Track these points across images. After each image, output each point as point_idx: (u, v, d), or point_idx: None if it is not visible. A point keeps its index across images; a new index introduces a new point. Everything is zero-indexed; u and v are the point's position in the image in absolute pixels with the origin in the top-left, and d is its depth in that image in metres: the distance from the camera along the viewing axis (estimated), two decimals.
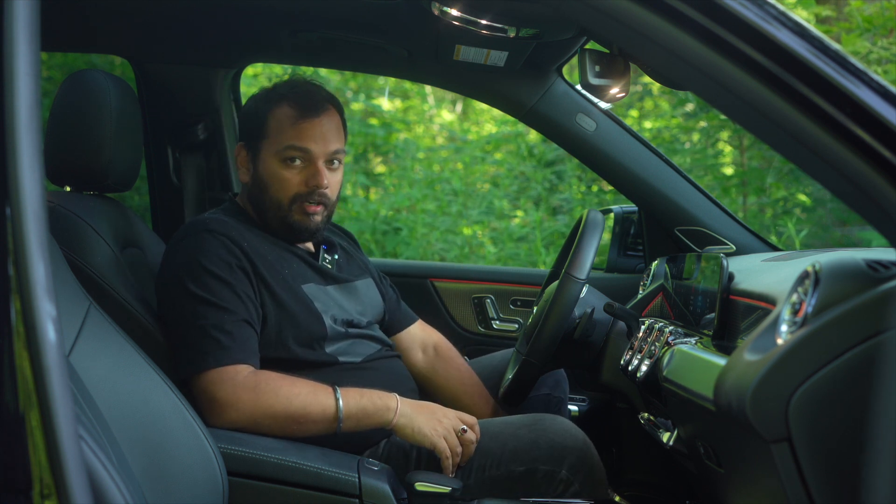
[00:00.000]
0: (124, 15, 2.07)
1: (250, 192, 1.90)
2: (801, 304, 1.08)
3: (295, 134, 1.82)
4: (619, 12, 1.04)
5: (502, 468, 1.74)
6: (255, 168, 1.87)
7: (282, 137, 1.83)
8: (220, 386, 1.64)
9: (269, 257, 1.80)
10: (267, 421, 1.65)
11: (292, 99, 1.84)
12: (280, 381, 1.68)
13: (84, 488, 0.85)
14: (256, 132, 1.86)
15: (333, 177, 1.87)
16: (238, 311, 1.70)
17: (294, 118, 1.83)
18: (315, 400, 1.68)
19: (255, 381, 1.66)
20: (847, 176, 1.00)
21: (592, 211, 1.93)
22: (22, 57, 0.87)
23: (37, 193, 0.86)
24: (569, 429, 1.80)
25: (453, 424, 1.73)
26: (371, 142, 6.65)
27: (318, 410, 1.68)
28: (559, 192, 6.03)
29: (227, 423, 1.64)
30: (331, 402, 1.69)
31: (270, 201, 1.85)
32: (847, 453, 1.00)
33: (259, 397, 1.65)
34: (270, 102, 1.86)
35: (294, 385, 1.68)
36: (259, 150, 1.86)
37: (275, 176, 1.84)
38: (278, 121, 1.84)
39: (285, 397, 1.66)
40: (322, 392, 1.69)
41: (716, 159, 5.64)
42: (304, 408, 1.67)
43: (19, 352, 0.85)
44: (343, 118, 1.93)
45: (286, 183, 1.83)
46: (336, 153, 1.86)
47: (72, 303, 1.36)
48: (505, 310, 2.56)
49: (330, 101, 1.89)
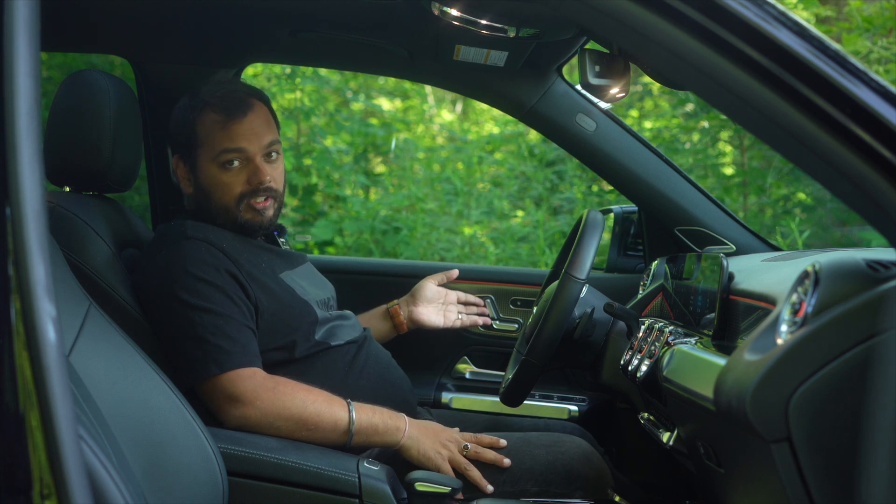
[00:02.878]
0: (124, 15, 2.07)
1: (196, 201, 1.88)
2: (801, 304, 1.08)
3: (226, 137, 1.82)
4: (619, 12, 1.04)
5: (516, 486, 1.75)
6: (196, 177, 1.86)
7: (214, 143, 1.82)
8: (239, 384, 1.66)
9: (245, 254, 1.81)
10: (280, 422, 1.67)
11: (216, 104, 1.83)
12: (297, 386, 1.70)
13: (84, 488, 0.85)
14: (188, 142, 1.85)
15: (275, 169, 1.87)
16: (234, 314, 1.70)
17: (222, 122, 1.82)
18: (329, 409, 1.70)
19: (274, 382, 1.69)
20: (847, 176, 1.00)
21: (592, 211, 1.93)
22: (22, 57, 0.87)
23: (37, 193, 0.86)
24: (587, 454, 1.81)
25: (457, 446, 1.76)
26: (371, 142, 6.64)
27: (331, 420, 1.69)
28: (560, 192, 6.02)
29: (244, 420, 1.65)
30: (344, 414, 1.71)
31: (218, 207, 1.84)
32: (847, 453, 1.00)
33: (278, 397, 1.67)
34: (195, 111, 1.84)
35: (310, 392, 1.71)
36: (196, 160, 1.85)
37: (216, 182, 1.83)
38: (206, 128, 1.83)
39: (301, 401, 1.68)
40: (337, 403, 1.72)
41: (716, 159, 5.64)
42: (318, 414, 1.68)
43: (19, 352, 0.85)
44: (270, 108, 1.92)
45: (228, 187, 1.83)
46: (271, 145, 1.86)
47: (72, 303, 1.36)
48: (505, 310, 2.56)
49: (253, 94, 1.89)
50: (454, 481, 1.62)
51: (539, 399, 2.45)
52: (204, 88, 1.89)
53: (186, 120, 1.86)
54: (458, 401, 2.50)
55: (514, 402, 1.98)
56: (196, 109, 1.84)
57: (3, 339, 0.86)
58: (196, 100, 1.86)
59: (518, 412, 2.24)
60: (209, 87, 1.89)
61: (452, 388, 2.53)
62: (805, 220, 4.86)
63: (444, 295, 2.22)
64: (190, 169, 1.87)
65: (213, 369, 1.66)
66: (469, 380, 2.56)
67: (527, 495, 1.74)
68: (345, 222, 5.68)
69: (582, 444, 1.84)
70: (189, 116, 1.85)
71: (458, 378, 2.56)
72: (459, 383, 2.56)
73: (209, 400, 1.68)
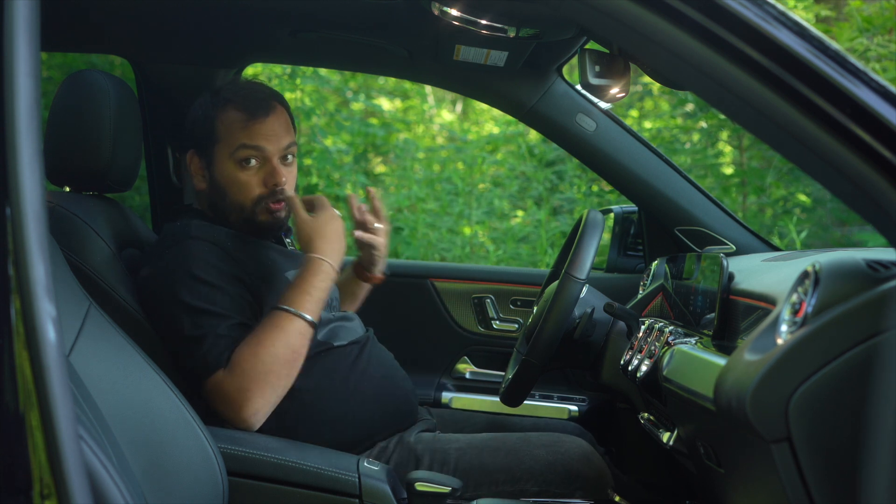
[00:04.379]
0: (124, 15, 2.07)
1: (209, 197, 1.88)
2: (801, 304, 1.08)
3: (246, 135, 1.82)
4: (619, 12, 1.04)
5: (516, 486, 1.75)
6: (211, 174, 1.86)
7: (233, 140, 1.82)
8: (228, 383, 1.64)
9: (250, 254, 1.81)
10: (282, 383, 1.66)
11: (239, 102, 1.83)
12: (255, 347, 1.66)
13: (84, 488, 0.85)
14: (207, 138, 1.85)
15: (290, 172, 1.87)
16: (233, 314, 1.70)
17: (244, 120, 1.82)
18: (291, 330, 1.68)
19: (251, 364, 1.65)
20: (847, 176, 1.00)
21: (592, 211, 1.93)
22: (22, 57, 0.87)
23: (37, 193, 0.86)
24: (587, 454, 1.81)
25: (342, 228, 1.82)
26: (371, 142, 6.64)
27: (297, 336, 1.68)
28: (560, 192, 6.03)
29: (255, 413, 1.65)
30: (299, 323, 1.69)
31: (232, 204, 1.84)
32: (847, 453, 1.00)
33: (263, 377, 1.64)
34: (216, 107, 1.84)
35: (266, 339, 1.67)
36: (213, 156, 1.84)
37: (232, 179, 1.83)
38: (227, 124, 1.83)
39: (272, 355, 1.65)
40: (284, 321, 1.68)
41: (716, 159, 5.64)
42: (289, 348, 1.67)
43: (19, 352, 0.85)
44: (290, 113, 1.93)
45: (245, 186, 1.83)
46: (289, 147, 1.86)
47: (72, 303, 1.36)
48: (505, 310, 2.56)
49: (275, 97, 1.89)
50: (454, 481, 1.62)
51: (539, 399, 2.45)
52: (226, 87, 1.89)
53: (207, 115, 1.85)
54: (458, 401, 2.50)
55: (514, 402, 1.98)
56: (217, 106, 1.84)
57: (3, 339, 0.86)
58: (218, 97, 1.86)
59: (518, 412, 2.24)
60: (232, 86, 1.89)
61: (452, 388, 2.54)
62: (805, 220, 4.86)
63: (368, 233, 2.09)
64: (206, 164, 1.86)
65: (211, 365, 1.65)
66: (469, 380, 2.56)
67: (527, 495, 1.74)
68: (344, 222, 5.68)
69: (582, 444, 1.84)
70: (210, 112, 1.85)
71: (458, 378, 2.56)
72: (459, 383, 2.56)
73: (218, 406, 1.66)
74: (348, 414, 1.79)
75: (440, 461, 1.77)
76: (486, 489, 1.75)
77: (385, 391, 1.87)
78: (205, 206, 1.90)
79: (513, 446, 1.81)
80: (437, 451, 1.80)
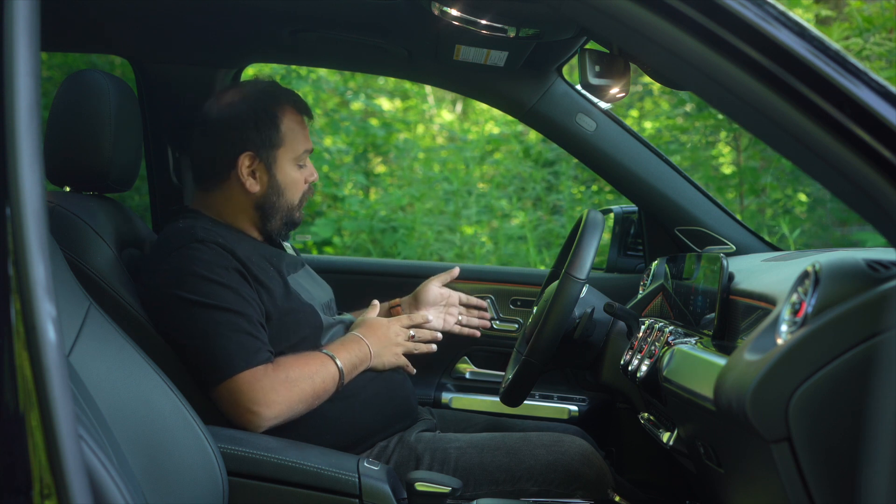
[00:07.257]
0: (124, 15, 2.07)
1: (263, 200, 1.86)
2: (801, 304, 1.08)
3: (304, 137, 1.87)
4: (619, 12, 1.04)
5: (516, 486, 1.75)
6: (272, 176, 1.85)
7: (297, 144, 1.86)
8: (255, 386, 1.65)
9: (254, 258, 1.79)
10: (300, 406, 1.70)
11: (296, 102, 1.87)
12: (297, 366, 1.72)
13: (84, 488, 0.85)
14: (269, 140, 1.83)
15: None
16: (248, 312, 1.69)
17: (300, 122, 1.87)
18: (326, 370, 1.75)
19: (285, 374, 1.69)
20: (847, 176, 1.00)
21: (592, 211, 1.93)
22: (22, 57, 0.87)
23: (37, 193, 0.86)
24: (587, 454, 1.81)
25: (405, 336, 1.90)
26: (371, 142, 6.64)
27: (331, 379, 1.75)
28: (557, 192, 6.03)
29: (271, 421, 1.66)
30: (334, 368, 1.76)
31: (286, 205, 1.87)
32: (847, 453, 1.00)
33: (293, 388, 1.69)
34: (276, 108, 1.84)
35: (306, 364, 1.73)
36: (276, 159, 1.84)
37: (293, 181, 1.87)
38: (290, 127, 1.85)
39: (309, 378, 1.71)
40: (327, 362, 1.76)
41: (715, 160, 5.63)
42: (322, 382, 1.73)
43: (19, 352, 0.85)
44: None
45: (298, 185, 1.89)
46: None
47: (72, 303, 1.36)
48: (505, 310, 2.56)
49: None
50: (454, 481, 1.62)
51: (539, 399, 2.45)
52: (269, 85, 1.89)
53: (270, 117, 1.83)
54: (458, 401, 2.50)
55: (514, 402, 1.98)
56: (278, 105, 1.85)
57: (3, 339, 0.86)
58: (274, 98, 1.86)
59: (518, 412, 2.24)
60: (274, 86, 1.89)
61: (452, 388, 2.53)
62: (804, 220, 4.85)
63: (446, 297, 2.19)
64: (267, 167, 1.85)
65: (238, 365, 1.65)
66: (469, 380, 2.56)
67: (527, 495, 1.75)
68: (343, 222, 5.68)
69: (582, 444, 1.84)
70: (271, 113, 1.84)
71: (458, 378, 2.56)
72: (459, 383, 2.56)
73: (230, 407, 1.66)
74: (348, 414, 1.79)
75: (440, 461, 1.77)
76: (486, 489, 1.75)
77: (385, 392, 1.87)
78: (221, 208, 1.87)
79: (513, 446, 1.81)
80: (437, 450, 1.80)
